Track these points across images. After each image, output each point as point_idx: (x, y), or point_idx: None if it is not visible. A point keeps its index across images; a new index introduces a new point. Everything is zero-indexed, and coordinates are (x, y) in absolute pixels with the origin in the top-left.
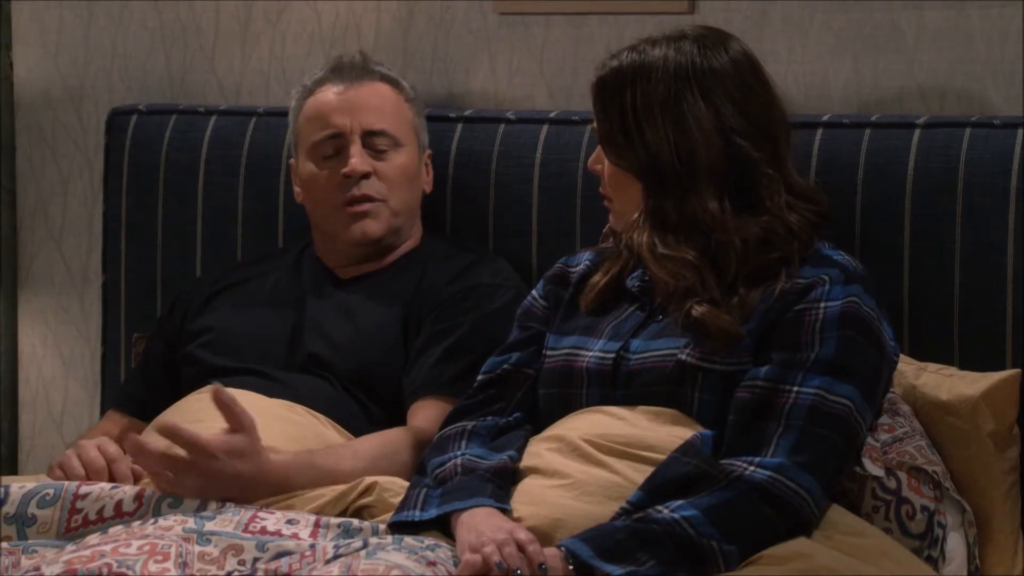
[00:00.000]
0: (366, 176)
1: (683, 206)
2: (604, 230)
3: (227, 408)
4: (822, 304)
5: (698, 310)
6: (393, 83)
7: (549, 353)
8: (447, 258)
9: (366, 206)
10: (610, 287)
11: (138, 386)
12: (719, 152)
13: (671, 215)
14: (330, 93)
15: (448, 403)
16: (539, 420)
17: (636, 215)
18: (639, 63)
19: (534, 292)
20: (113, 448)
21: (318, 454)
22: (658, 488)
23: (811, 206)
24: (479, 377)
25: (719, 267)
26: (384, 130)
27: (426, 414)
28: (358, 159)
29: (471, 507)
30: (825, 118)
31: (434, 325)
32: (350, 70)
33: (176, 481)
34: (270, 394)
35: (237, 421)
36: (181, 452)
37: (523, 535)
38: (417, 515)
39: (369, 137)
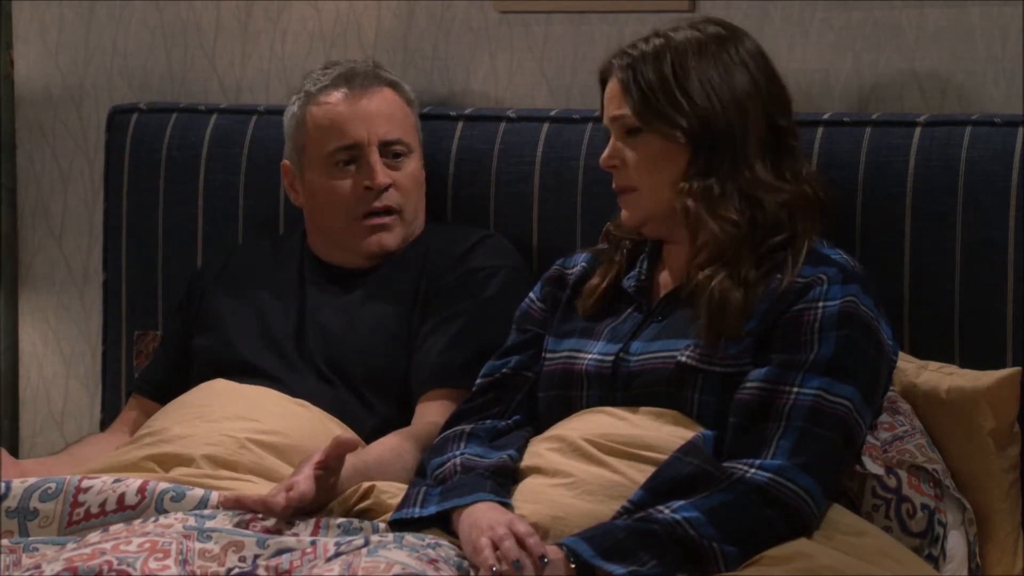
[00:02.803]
0: (386, 188)
1: (735, 164)
2: (605, 228)
3: (338, 457)
4: (820, 304)
5: (726, 284)
6: (397, 88)
7: (548, 356)
8: (447, 245)
9: (386, 219)
10: (608, 291)
11: (158, 370)
12: (759, 112)
13: (722, 173)
14: (340, 102)
15: (459, 394)
16: (539, 423)
17: (683, 184)
18: (666, 43)
19: (531, 295)
20: None
21: (373, 467)
22: (660, 487)
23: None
24: (478, 381)
25: (753, 238)
26: (399, 138)
27: (442, 407)
28: (380, 171)
29: (471, 503)
30: (826, 116)
31: (437, 313)
32: (360, 77)
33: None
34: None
35: (337, 465)
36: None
37: (522, 528)
38: (417, 512)
39: (385, 147)
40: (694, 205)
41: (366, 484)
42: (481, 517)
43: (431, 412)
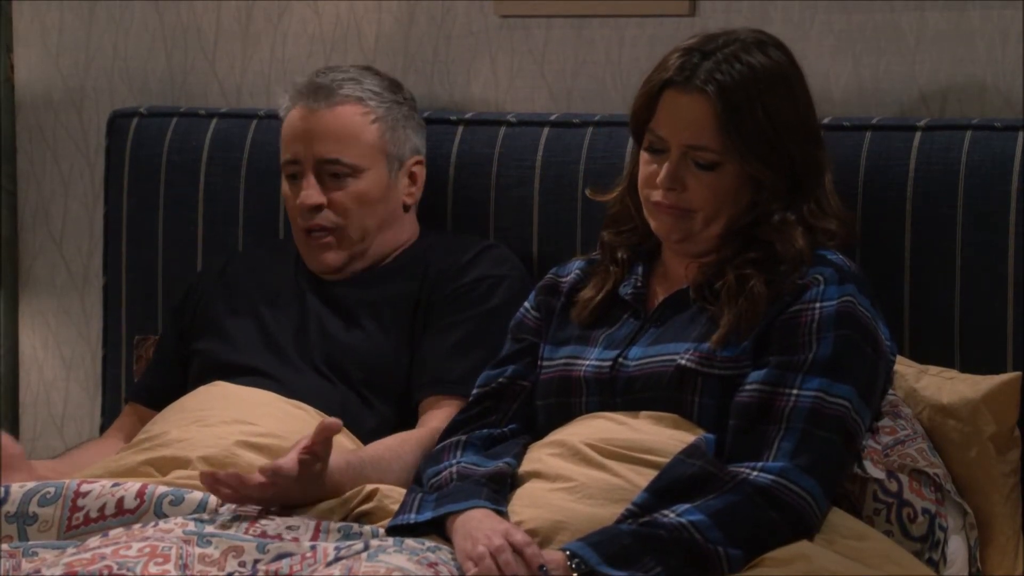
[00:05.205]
0: (319, 208)
1: (806, 197)
2: (600, 238)
3: (324, 442)
4: (817, 304)
5: (759, 285)
6: (361, 102)
7: (545, 364)
8: (449, 252)
9: (323, 239)
10: (604, 299)
11: (153, 377)
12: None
13: (794, 205)
14: (296, 116)
15: (460, 401)
16: (538, 431)
17: (755, 211)
18: (751, 73)
19: (526, 304)
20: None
21: (368, 464)
22: (663, 489)
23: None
24: (474, 391)
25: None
26: (338, 159)
27: (445, 414)
28: (308, 191)
29: (466, 509)
30: (826, 120)
31: (440, 319)
32: (323, 91)
33: (246, 496)
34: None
35: (324, 451)
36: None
37: (519, 537)
38: (412, 518)
39: (323, 165)
40: (771, 234)
41: (370, 487)
42: (476, 525)
43: (434, 419)
